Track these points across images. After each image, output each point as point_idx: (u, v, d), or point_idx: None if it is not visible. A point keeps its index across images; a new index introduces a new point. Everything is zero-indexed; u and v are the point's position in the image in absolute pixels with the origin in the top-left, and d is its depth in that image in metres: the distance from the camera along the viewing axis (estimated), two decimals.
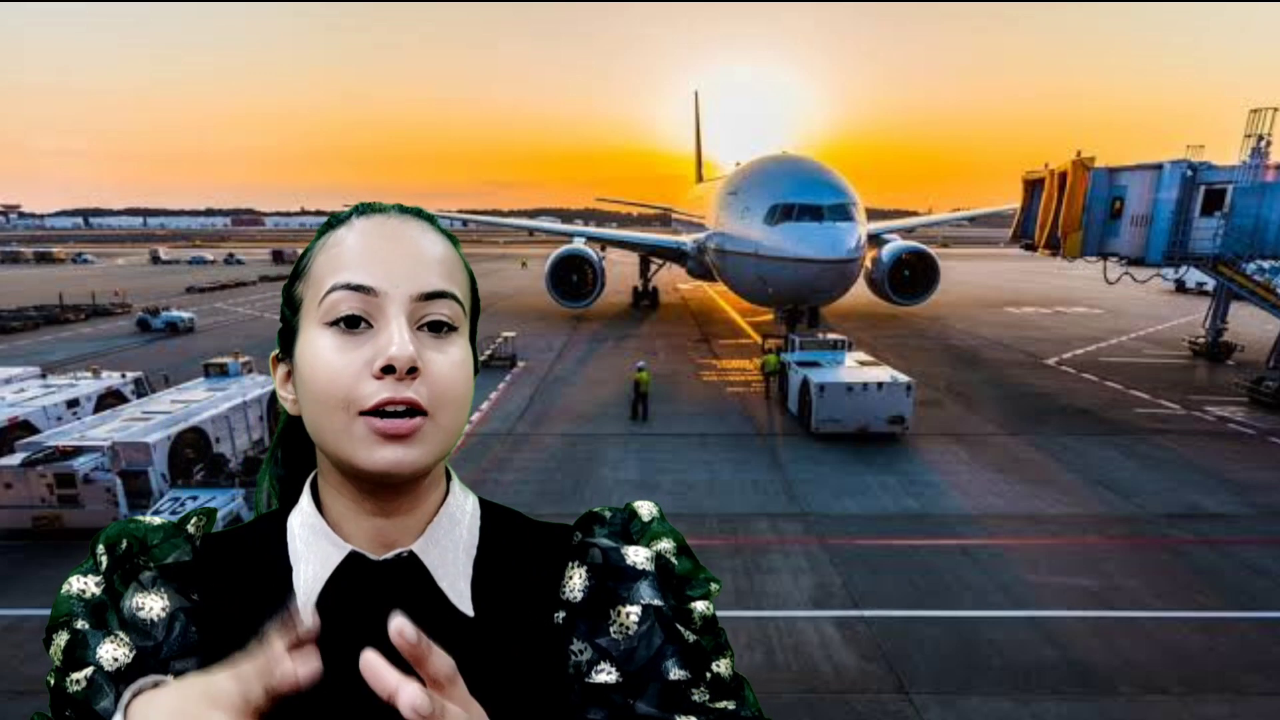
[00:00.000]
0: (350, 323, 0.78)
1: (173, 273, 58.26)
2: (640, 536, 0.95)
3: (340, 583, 0.83)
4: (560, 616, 0.89)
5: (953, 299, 36.90)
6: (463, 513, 0.91)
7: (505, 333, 23.89)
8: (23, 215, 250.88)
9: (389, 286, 0.79)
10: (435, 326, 0.81)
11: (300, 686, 0.59)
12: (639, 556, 0.91)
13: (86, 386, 14.98)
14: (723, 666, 0.91)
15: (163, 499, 10.98)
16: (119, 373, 16.56)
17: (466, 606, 0.85)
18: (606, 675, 0.85)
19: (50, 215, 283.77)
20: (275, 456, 1.03)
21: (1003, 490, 12.76)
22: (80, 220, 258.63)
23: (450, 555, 0.87)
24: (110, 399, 15.12)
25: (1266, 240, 19.56)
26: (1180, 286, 42.84)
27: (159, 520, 0.91)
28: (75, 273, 58.91)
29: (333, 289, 0.79)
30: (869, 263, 27.70)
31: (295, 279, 0.86)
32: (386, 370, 0.75)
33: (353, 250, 0.81)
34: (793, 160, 25.08)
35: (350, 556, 0.84)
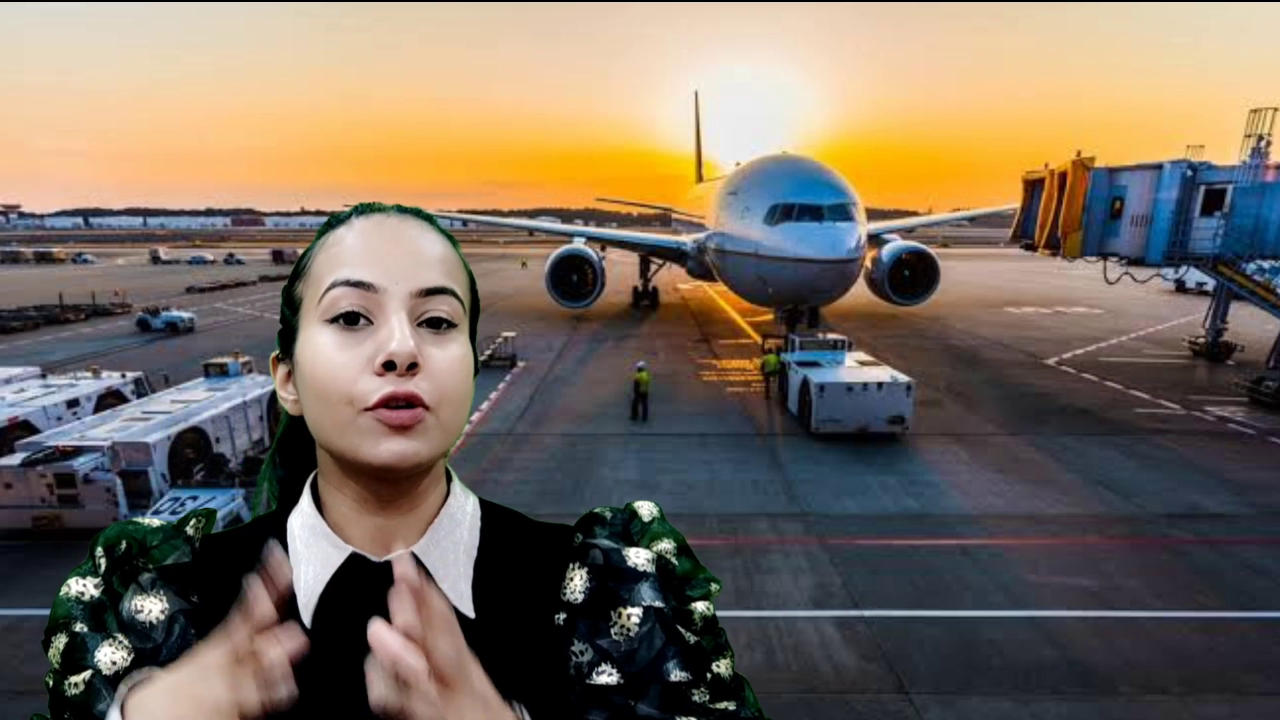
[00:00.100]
0: (350, 319, 0.78)
1: (173, 273, 58.26)
2: (641, 537, 0.95)
3: (341, 584, 0.83)
4: (561, 618, 0.89)
5: (953, 299, 36.90)
6: (464, 514, 0.92)
7: (505, 333, 23.89)
8: (23, 215, 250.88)
9: (389, 283, 0.79)
10: (435, 323, 0.81)
11: (290, 659, 0.62)
12: (640, 558, 0.91)
13: (86, 386, 14.98)
14: (723, 667, 0.91)
15: (163, 499, 10.98)
16: (119, 373, 16.55)
17: (468, 608, 0.85)
18: (607, 677, 0.85)
19: (50, 215, 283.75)
20: (274, 458, 1.03)
21: (1003, 490, 12.76)
22: (80, 220, 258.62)
23: (451, 556, 0.87)
24: (110, 399, 15.12)
25: (1266, 240, 19.56)
26: (1180, 286, 42.83)
27: (158, 522, 0.91)
28: (75, 273, 58.91)
29: (332, 286, 0.79)
30: (869, 263, 27.70)
31: (295, 279, 0.86)
32: (388, 366, 0.76)
33: (352, 248, 0.81)
34: (793, 160, 25.08)
35: (351, 558, 0.84)
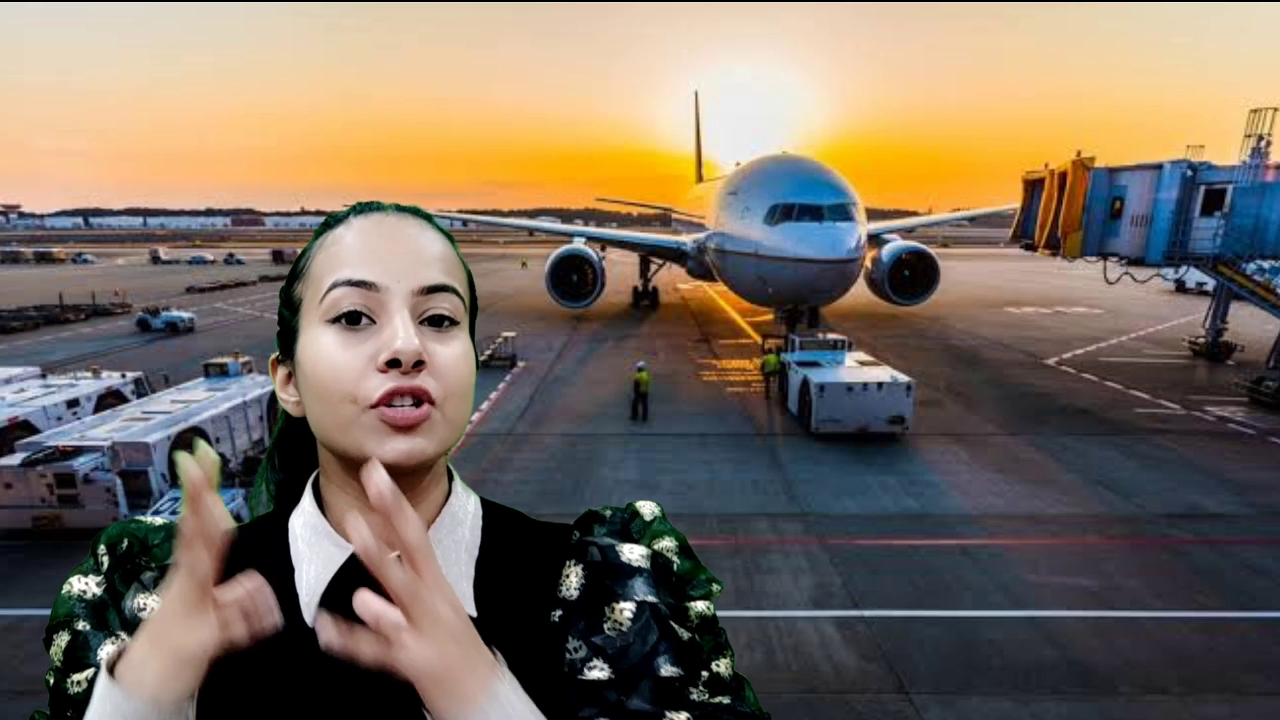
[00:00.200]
0: (352, 319, 0.78)
1: (173, 273, 58.26)
2: (641, 536, 0.95)
3: (343, 583, 0.83)
4: (557, 615, 0.89)
5: (953, 299, 36.90)
6: (465, 513, 0.92)
7: (505, 333, 23.89)
8: (23, 215, 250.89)
9: (390, 281, 0.79)
10: (437, 320, 0.81)
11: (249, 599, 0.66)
12: (634, 554, 0.91)
13: (86, 386, 14.97)
14: (723, 666, 0.91)
15: (163, 499, 10.98)
16: (119, 373, 16.54)
17: (469, 607, 0.85)
18: (599, 672, 0.85)
19: (50, 215, 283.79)
20: (273, 459, 1.02)
21: (1003, 490, 12.76)
22: (80, 220, 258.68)
23: (453, 555, 0.87)
24: (110, 399, 15.12)
25: (1266, 240, 19.55)
26: (1180, 286, 42.83)
27: (160, 520, 0.91)
28: (75, 273, 58.91)
29: (333, 286, 0.79)
30: (869, 263, 27.69)
31: (293, 280, 0.86)
32: (392, 364, 0.76)
33: (352, 248, 0.81)
34: (793, 160, 25.07)
35: (353, 557, 0.83)
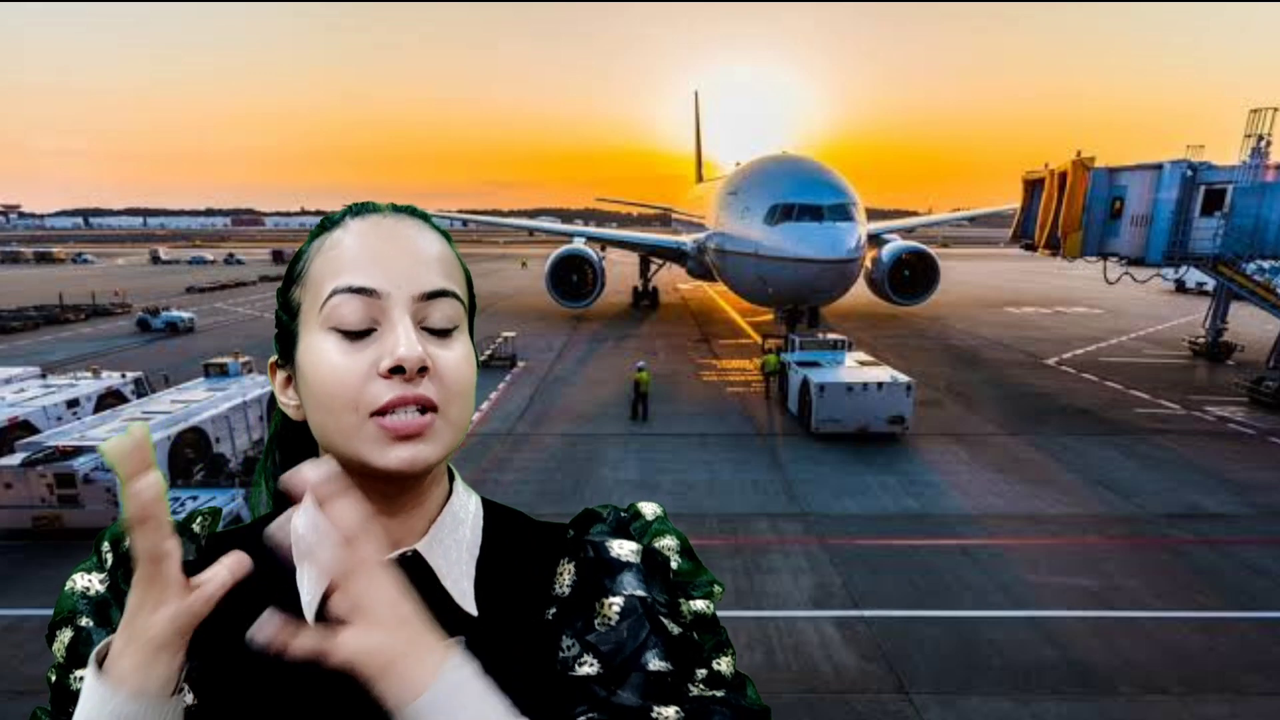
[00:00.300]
0: (353, 326, 0.78)
1: (173, 273, 58.26)
2: (642, 535, 0.95)
3: None
4: (551, 613, 0.89)
5: (953, 299, 36.90)
6: (466, 512, 0.92)
7: (505, 333, 23.89)
8: (23, 215, 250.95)
9: (391, 287, 0.79)
10: (438, 325, 0.81)
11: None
12: (624, 549, 0.91)
13: (86, 386, 14.98)
14: (724, 665, 0.91)
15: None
16: (119, 373, 16.55)
17: (470, 606, 0.86)
18: (588, 668, 0.85)
19: (50, 215, 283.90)
20: (273, 460, 1.02)
21: (1003, 490, 12.76)
22: (80, 220, 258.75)
23: (454, 555, 0.88)
24: (110, 399, 15.12)
25: (1266, 240, 19.55)
26: (1180, 286, 42.84)
27: None
28: (75, 273, 58.92)
29: (334, 293, 0.79)
30: (869, 263, 27.69)
31: (291, 283, 0.85)
32: (395, 371, 0.76)
33: (351, 252, 0.81)
34: (793, 160, 25.07)
35: None
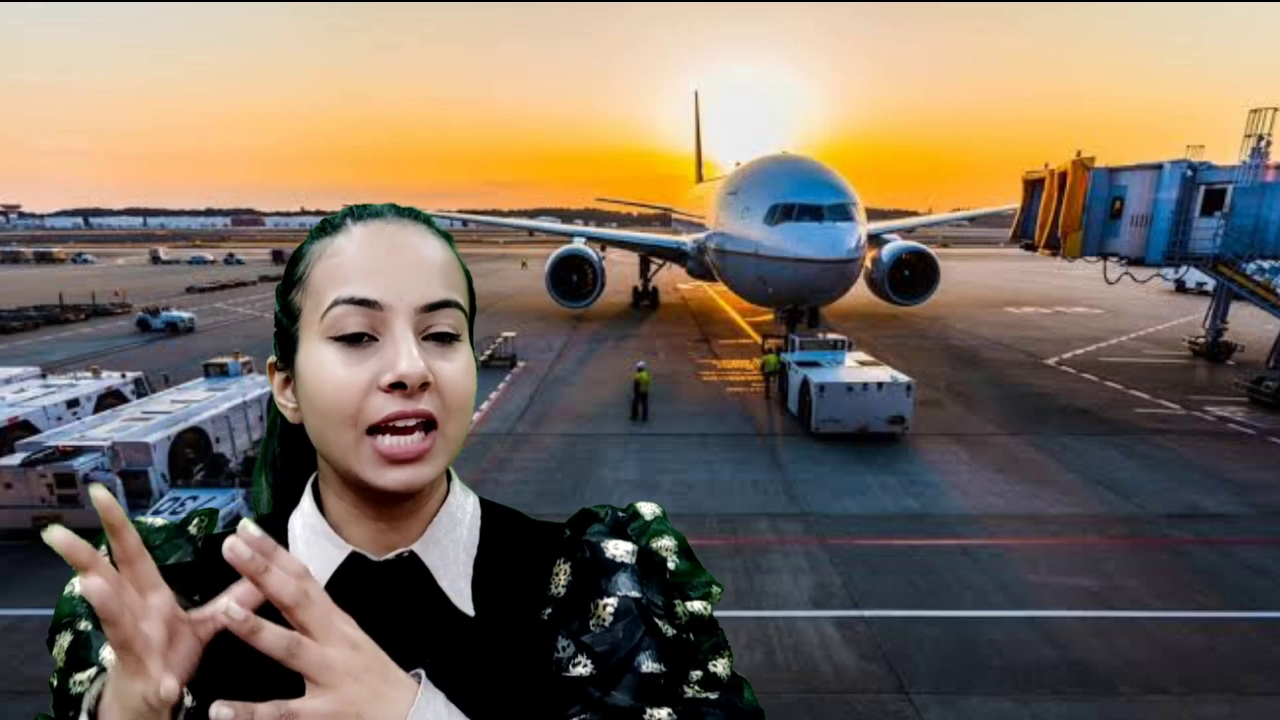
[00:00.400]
0: (354, 337, 0.77)
1: (173, 273, 58.26)
2: (640, 535, 0.95)
3: (341, 583, 0.83)
4: (547, 613, 0.89)
5: (953, 299, 36.90)
6: (463, 512, 0.92)
7: (505, 333, 23.88)
8: (23, 215, 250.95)
9: (393, 299, 0.78)
10: (440, 336, 0.80)
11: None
12: (620, 550, 0.91)
13: (86, 386, 14.98)
14: (720, 666, 0.91)
15: (163, 499, 10.98)
16: (119, 373, 16.54)
17: (467, 606, 0.85)
18: (583, 668, 0.85)
19: (50, 215, 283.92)
20: (273, 460, 1.02)
21: (1003, 490, 12.76)
22: (80, 220, 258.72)
23: (451, 555, 0.87)
24: (110, 399, 15.12)
25: (1266, 240, 19.55)
26: (1180, 286, 42.84)
27: (161, 521, 0.91)
28: (75, 273, 58.91)
29: (336, 303, 0.78)
30: (869, 263, 27.70)
31: (291, 286, 0.84)
32: (396, 386, 0.75)
33: (353, 261, 0.80)
34: (793, 160, 25.07)
35: (351, 557, 0.84)
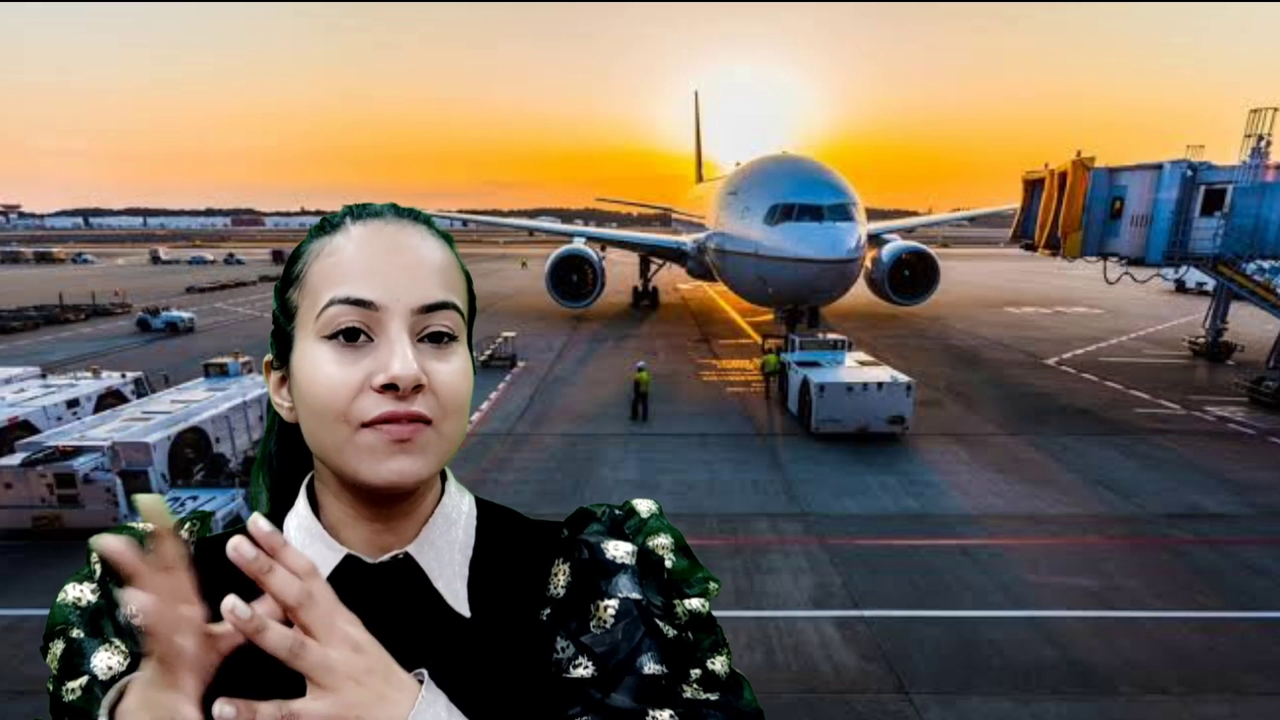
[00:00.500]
0: (349, 335, 0.77)
1: (173, 273, 58.27)
2: (637, 533, 0.95)
3: (337, 586, 0.82)
4: (546, 614, 0.89)
5: (953, 299, 36.90)
6: (459, 513, 0.91)
7: (505, 333, 23.81)
8: (23, 215, 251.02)
9: (389, 300, 0.77)
10: (436, 336, 0.80)
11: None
12: (619, 550, 0.91)
13: (86, 386, 14.97)
14: (718, 664, 0.90)
15: (163, 499, 10.98)
16: (119, 373, 16.54)
17: (463, 607, 0.85)
18: (583, 670, 0.84)
19: (50, 215, 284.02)
20: (270, 460, 1.02)
21: (1003, 490, 12.76)
22: (80, 220, 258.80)
23: (446, 556, 0.87)
24: (110, 399, 15.11)
25: (1266, 240, 19.55)
26: (1180, 286, 42.85)
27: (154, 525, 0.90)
28: (75, 273, 58.91)
29: (331, 303, 0.77)
30: (869, 263, 27.70)
31: (289, 285, 0.84)
32: (389, 387, 0.75)
33: (351, 261, 0.79)
34: (793, 160, 25.07)
35: (346, 559, 0.83)
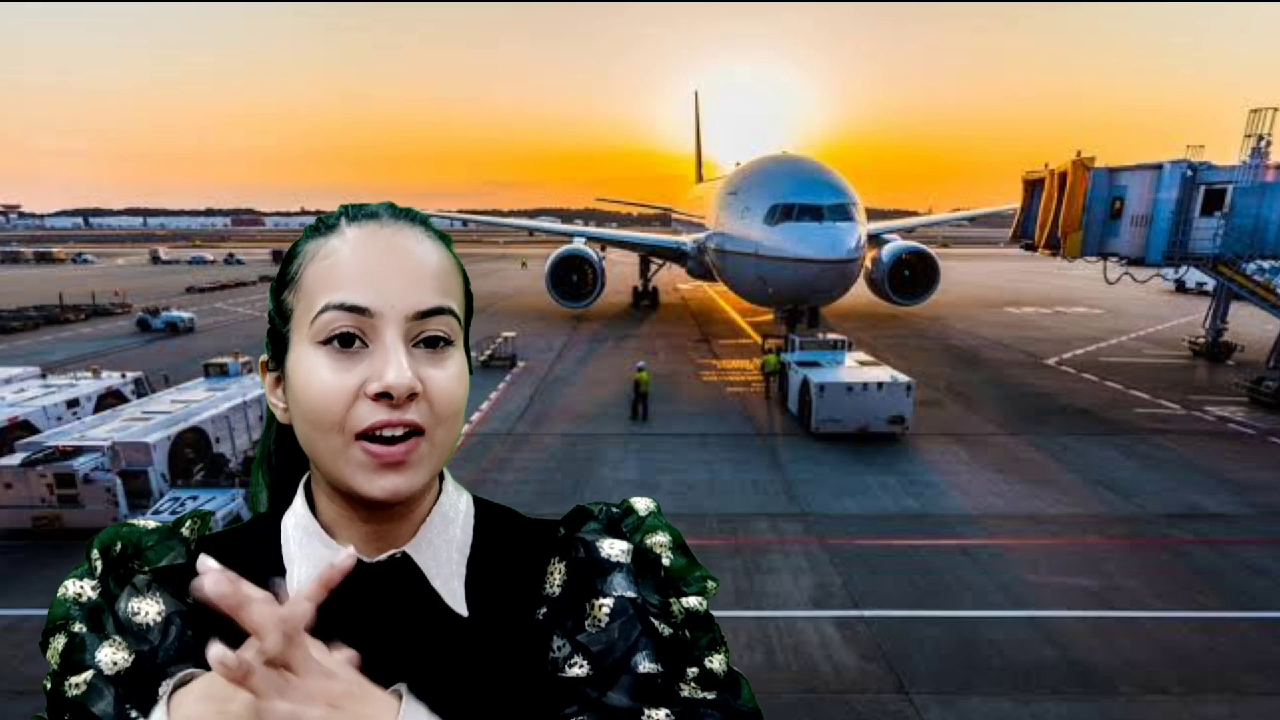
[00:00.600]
0: (344, 340, 0.76)
1: (173, 273, 58.29)
2: (634, 532, 0.94)
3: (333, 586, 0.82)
4: (542, 613, 0.89)
5: (953, 299, 36.89)
6: (456, 512, 0.91)
7: (505, 333, 23.79)
8: (23, 215, 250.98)
9: (384, 306, 0.76)
10: (431, 342, 0.79)
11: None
12: (615, 549, 0.91)
13: (86, 386, 14.97)
14: (716, 662, 0.90)
15: (163, 499, 10.98)
16: (119, 373, 16.54)
17: (460, 606, 0.85)
18: (579, 669, 0.84)
19: (50, 215, 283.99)
20: (270, 457, 1.02)
21: (1003, 490, 12.76)
22: (80, 220, 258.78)
23: (444, 555, 0.87)
24: (110, 399, 15.12)
25: (1266, 240, 19.55)
26: (1180, 286, 42.83)
27: (154, 523, 0.90)
28: (75, 273, 58.91)
29: (326, 308, 0.77)
30: (869, 263, 27.69)
31: (284, 286, 0.83)
32: (383, 396, 0.74)
33: (346, 266, 0.78)
34: (793, 160, 25.07)
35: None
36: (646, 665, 0.85)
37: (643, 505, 0.98)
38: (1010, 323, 32.07)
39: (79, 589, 0.83)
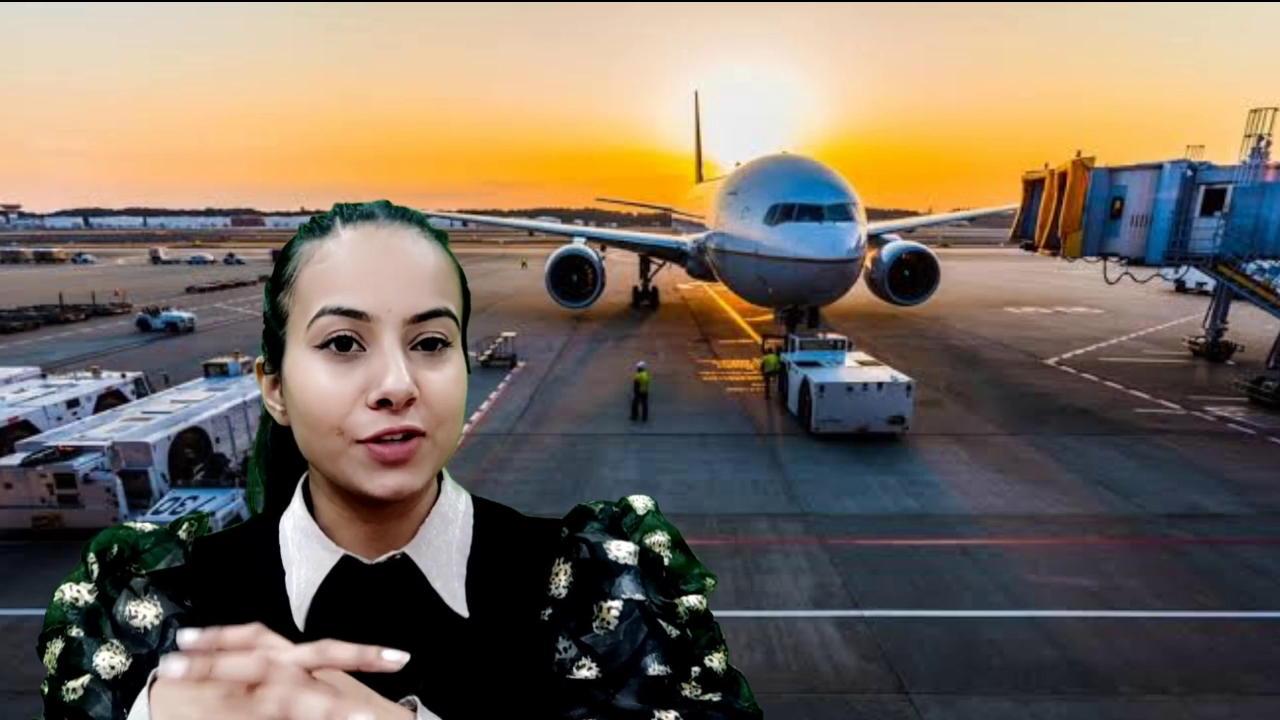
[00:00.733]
0: (341, 344, 0.76)
1: (173, 273, 58.30)
2: (633, 531, 0.94)
3: (333, 586, 0.82)
4: (547, 614, 0.88)
5: (953, 299, 36.89)
6: (455, 512, 0.90)
7: (505, 333, 23.80)
8: (23, 215, 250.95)
9: (381, 310, 0.76)
10: (429, 344, 0.79)
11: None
12: (622, 551, 0.91)
13: (86, 386, 14.97)
14: (716, 661, 0.90)
15: (163, 499, 10.98)
16: (119, 373, 16.54)
17: (461, 607, 0.85)
18: (587, 671, 0.84)
19: (50, 215, 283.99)
20: (266, 450, 1.01)
21: (1003, 490, 12.76)
22: (80, 220, 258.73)
23: (444, 556, 0.86)
24: (110, 399, 15.11)
25: (1266, 240, 19.55)
26: (1180, 286, 42.82)
27: (150, 526, 0.90)
28: (75, 273, 58.91)
29: (322, 312, 0.76)
30: (869, 263, 27.70)
31: (280, 288, 0.82)
32: (383, 402, 0.74)
33: (342, 268, 0.77)
34: (793, 160, 25.07)
35: (343, 560, 0.83)
36: (655, 668, 0.85)
37: (640, 504, 0.97)
38: (1010, 323, 32.07)
39: (75, 593, 0.82)
